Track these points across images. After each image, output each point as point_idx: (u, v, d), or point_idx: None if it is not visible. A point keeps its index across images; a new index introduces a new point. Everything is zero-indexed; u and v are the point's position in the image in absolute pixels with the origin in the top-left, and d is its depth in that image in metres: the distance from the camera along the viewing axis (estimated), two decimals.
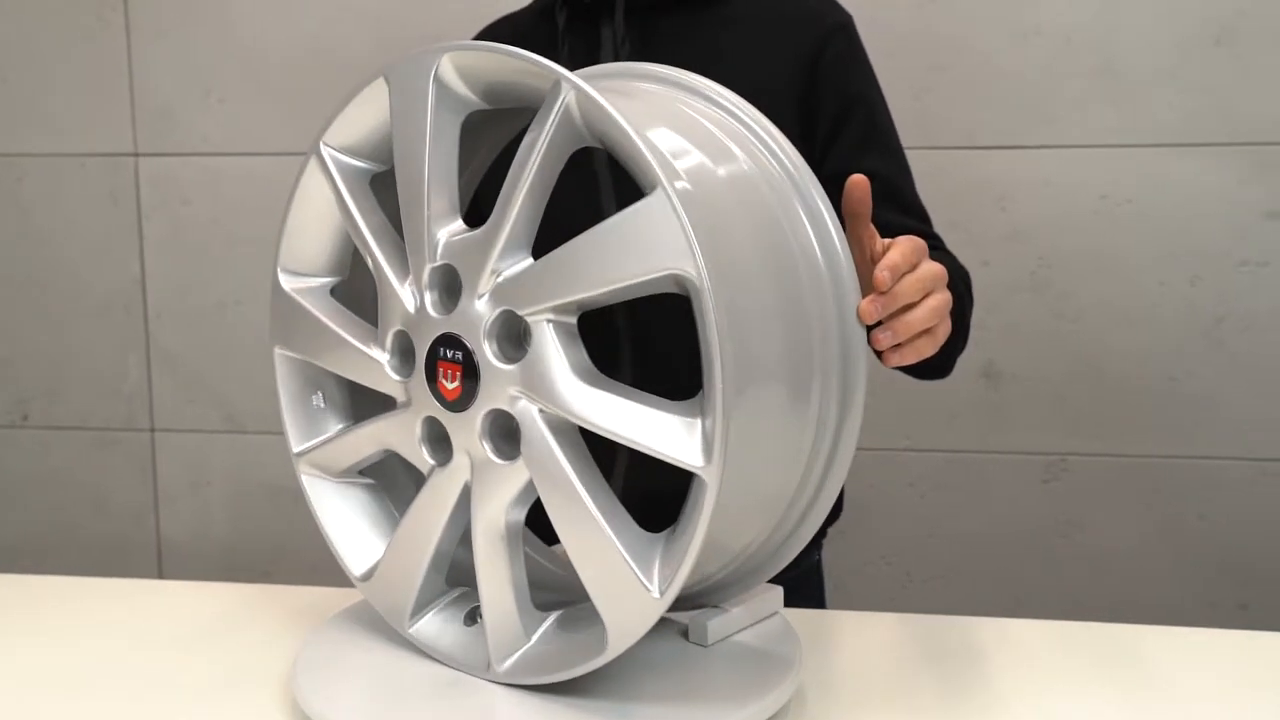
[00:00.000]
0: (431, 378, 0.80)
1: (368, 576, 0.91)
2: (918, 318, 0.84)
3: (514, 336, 0.78)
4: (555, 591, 0.89)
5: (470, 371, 0.77)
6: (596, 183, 1.09)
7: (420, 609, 0.87)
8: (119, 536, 2.04)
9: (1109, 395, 1.76)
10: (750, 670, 0.85)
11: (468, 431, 0.78)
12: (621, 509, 0.75)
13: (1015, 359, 1.77)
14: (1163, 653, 0.96)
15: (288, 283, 0.93)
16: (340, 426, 0.95)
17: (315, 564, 1.97)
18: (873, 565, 1.85)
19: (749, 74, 0.99)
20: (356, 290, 0.97)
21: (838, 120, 1.12)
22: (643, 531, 0.75)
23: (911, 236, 0.88)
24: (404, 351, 0.84)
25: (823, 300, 0.81)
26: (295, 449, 0.95)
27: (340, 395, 0.96)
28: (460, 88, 0.80)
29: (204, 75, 1.90)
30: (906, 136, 1.18)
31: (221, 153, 1.91)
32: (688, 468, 0.69)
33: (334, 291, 0.96)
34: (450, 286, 0.81)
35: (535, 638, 0.81)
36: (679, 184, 0.68)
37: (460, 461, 0.80)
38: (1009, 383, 1.78)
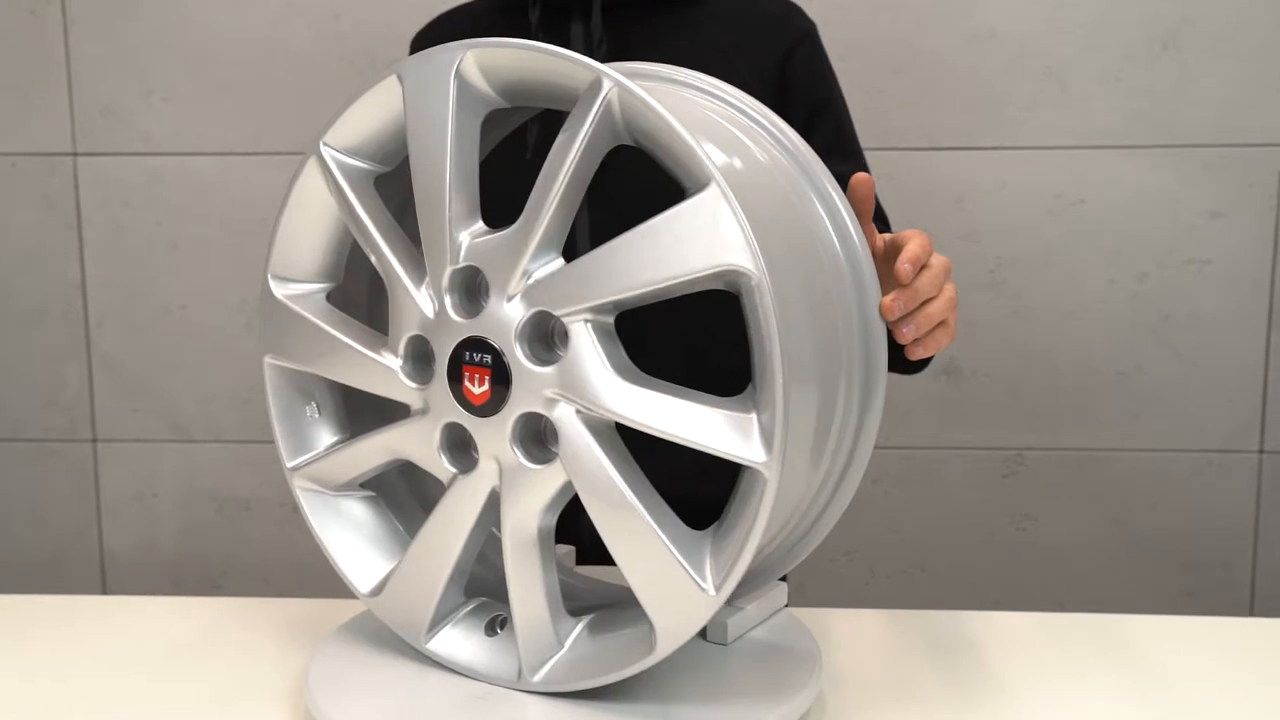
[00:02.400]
0: (455, 382, 0.78)
1: (377, 591, 0.88)
2: (937, 309, 0.86)
3: (546, 338, 0.77)
4: (570, 599, 0.88)
5: (500, 375, 0.75)
6: None
7: (438, 622, 0.85)
8: (58, 552, 1.96)
9: (1062, 391, 1.80)
10: (776, 666, 0.85)
11: (496, 436, 0.77)
12: (666, 507, 0.74)
13: (974, 356, 1.80)
14: (1152, 640, 0.99)
15: (279, 290, 0.89)
16: (336, 438, 0.92)
17: (268, 575, 1.93)
18: (835, 562, 1.86)
19: (722, 76, 1.00)
20: (351, 296, 0.95)
21: (806, 125, 1.13)
22: (689, 530, 0.74)
23: (919, 230, 0.89)
24: (420, 357, 0.82)
25: (844, 295, 0.81)
26: (290, 463, 0.91)
27: (334, 405, 0.93)
28: (482, 86, 0.78)
29: (146, 71, 1.83)
30: (865, 138, 1.21)
31: (165, 152, 1.85)
32: (748, 463, 0.69)
33: (329, 298, 0.93)
34: (472, 289, 0.80)
35: (568, 644, 0.80)
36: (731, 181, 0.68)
37: (486, 467, 0.79)
38: (968, 380, 1.81)
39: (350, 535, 0.91)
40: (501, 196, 0.85)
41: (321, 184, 0.86)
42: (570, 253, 0.76)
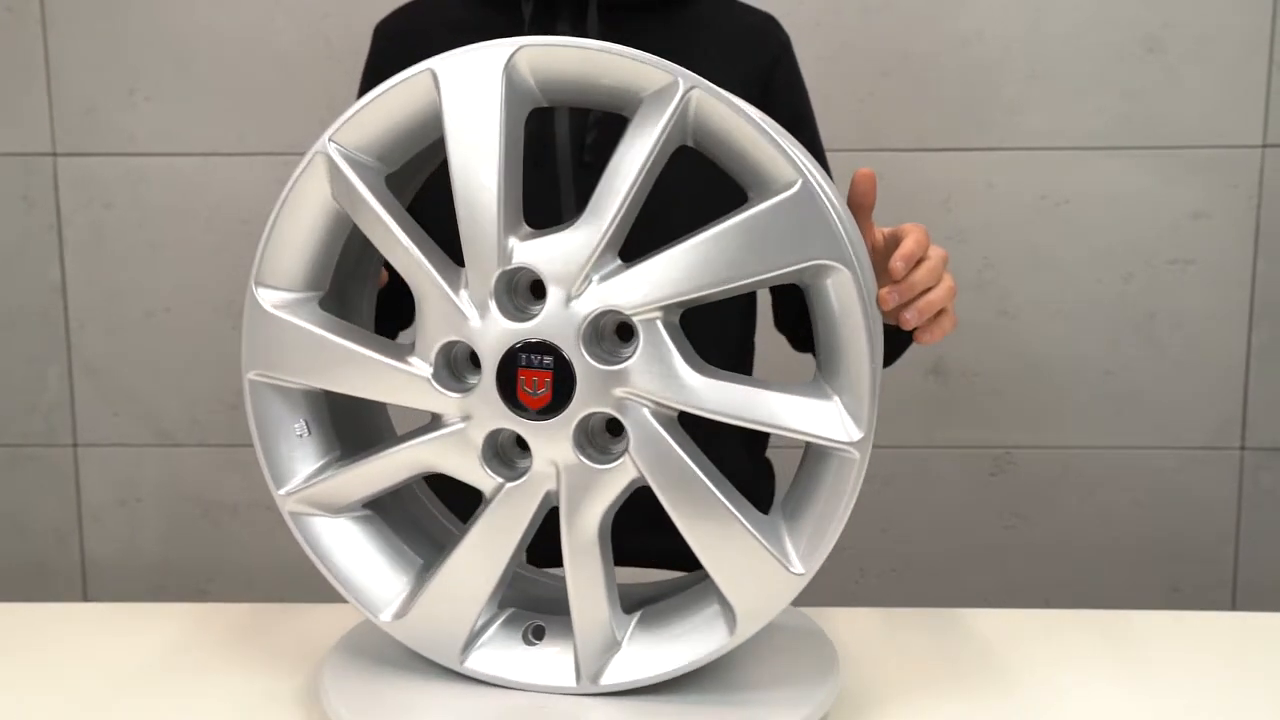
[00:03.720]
0: (508, 387, 0.76)
1: (401, 614, 0.84)
2: (937, 297, 0.90)
3: (608, 337, 0.77)
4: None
5: (563, 376, 0.75)
6: (558, 186, 1.08)
7: (474, 640, 0.83)
8: (39, 558, 1.93)
9: (1050, 389, 1.82)
10: (799, 655, 0.87)
11: (556, 439, 0.76)
12: (739, 494, 0.77)
13: (962, 356, 1.82)
14: (1140, 635, 1.01)
15: (268, 299, 0.82)
16: (327, 458, 0.87)
17: (254, 581, 1.91)
18: (826, 560, 1.87)
19: (709, 80, 1.01)
20: (349, 303, 0.92)
21: None
22: (761, 514, 0.77)
23: (918, 225, 0.92)
24: (455, 363, 0.80)
25: None
26: (283, 488, 0.85)
27: (322, 422, 0.87)
28: (529, 84, 0.77)
29: (129, 70, 1.80)
30: (854, 139, 1.23)
31: (148, 153, 1.82)
32: (835, 445, 0.74)
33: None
34: (517, 290, 0.78)
35: (626, 640, 0.80)
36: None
37: (542, 471, 0.77)
38: (956, 379, 1.83)
39: (354, 558, 0.85)
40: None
41: (321, 185, 0.81)
42: None
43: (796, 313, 1.22)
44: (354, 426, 0.89)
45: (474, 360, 0.78)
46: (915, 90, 1.76)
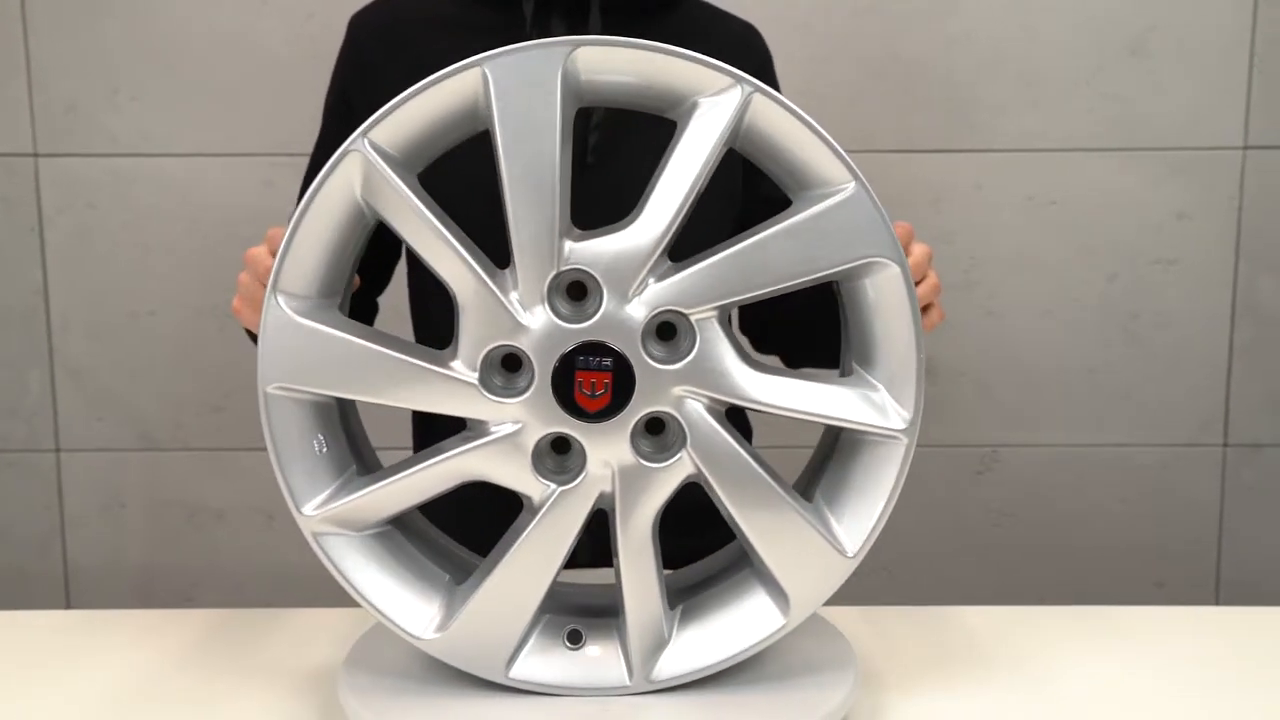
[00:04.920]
0: (564, 390, 0.75)
1: (441, 631, 0.81)
2: (923, 292, 0.91)
3: (664, 337, 0.77)
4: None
5: (623, 377, 0.75)
6: None
7: (518, 649, 0.81)
8: (20, 566, 1.89)
9: (1036, 388, 1.84)
10: (815, 646, 0.89)
11: (614, 440, 0.76)
12: (786, 483, 0.79)
13: (949, 355, 1.84)
14: (1127, 630, 1.04)
15: (289, 306, 0.79)
16: (346, 473, 0.83)
17: (241, 584, 1.89)
18: None
19: None
20: (363, 308, 0.91)
21: None
22: (807, 502, 0.79)
23: (902, 222, 0.95)
24: (503, 368, 0.78)
25: None
26: (307, 506, 0.80)
27: (336, 437, 0.84)
28: (581, 83, 0.77)
29: (112, 69, 1.78)
30: (844, 140, 1.22)
31: (131, 153, 1.80)
32: (885, 433, 0.78)
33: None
34: (573, 292, 0.78)
35: (674, 634, 0.81)
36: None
37: (597, 474, 0.77)
38: (943, 378, 1.84)
39: (383, 576, 0.82)
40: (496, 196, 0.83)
41: (348, 184, 0.78)
42: None
43: (767, 315, 1.22)
44: (358, 441, 0.87)
45: (514, 364, 0.77)
46: (904, 92, 1.78)
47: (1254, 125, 1.77)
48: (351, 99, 1.14)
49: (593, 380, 0.75)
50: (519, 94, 0.74)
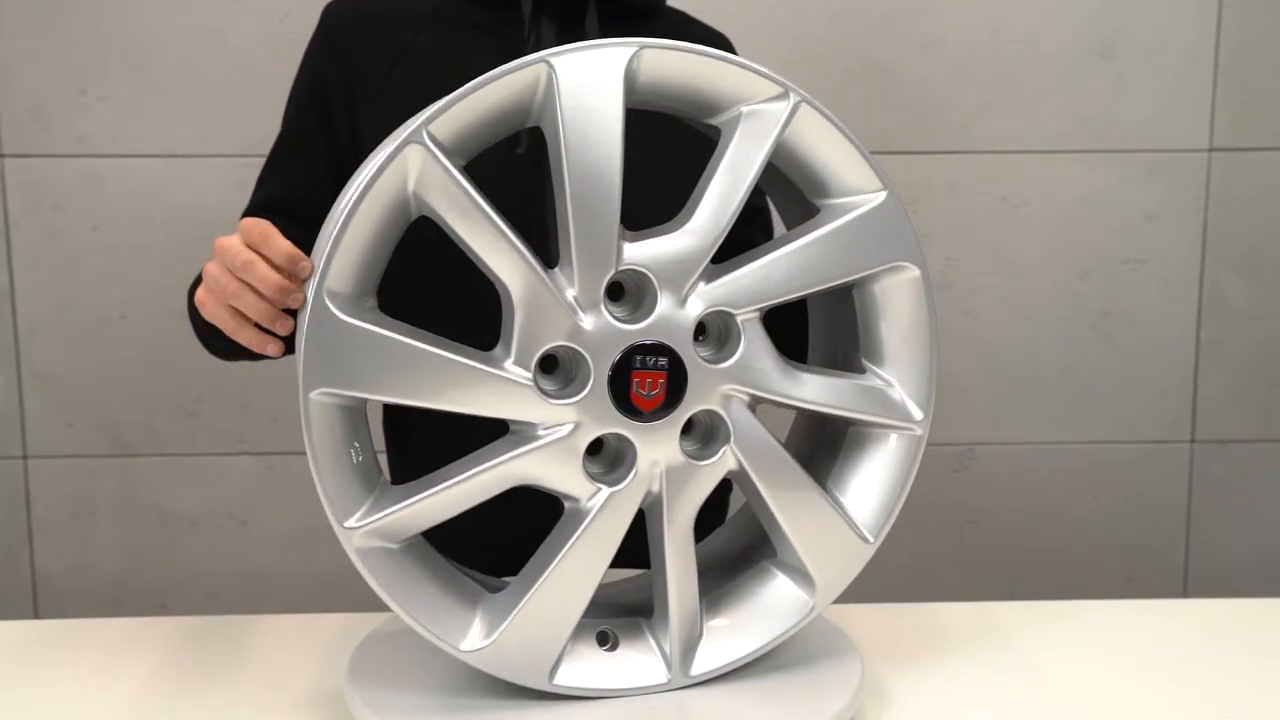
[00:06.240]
0: (621, 390, 0.76)
1: (485, 641, 0.78)
2: None
3: (711, 336, 0.80)
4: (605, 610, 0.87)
5: (676, 376, 0.76)
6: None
7: (561, 655, 0.80)
8: None
9: (1010, 387, 1.87)
10: (822, 642, 0.90)
11: (664, 439, 0.78)
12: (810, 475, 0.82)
13: None
14: (1098, 624, 1.05)
15: (337, 308, 0.74)
16: (380, 483, 0.79)
17: (214, 592, 1.86)
18: None
19: None
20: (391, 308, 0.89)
21: None
22: (826, 492, 0.82)
23: None
24: (557, 368, 0.78)
25: None
26: (350, 519, 0.75)
27: (365, 444, 0.80)
28: (637, 85, 0.77)
29: (80, 69, 1.75)
30: None
31: (100, 154, 1.77)
32: (902, 427, 0.81)
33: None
34: (627, 292, 0.78)
35: (705, 628, 0.82)
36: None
37: (647, 472, 0.78)
38: None
39: (421, 589, 0.78)
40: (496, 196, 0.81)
41: (398, 179, 0.74)
42: (544, 250, 0.77)
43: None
44: (372, 448, 0.84)
45: (549, 365, 0.77)
46: (880, 94, 1.79)
47: (1219, 128, 1.82)
48: (328, 89, 1.11)
49: (649, 380, 0.76)
50: (583, 92, 0.74)
